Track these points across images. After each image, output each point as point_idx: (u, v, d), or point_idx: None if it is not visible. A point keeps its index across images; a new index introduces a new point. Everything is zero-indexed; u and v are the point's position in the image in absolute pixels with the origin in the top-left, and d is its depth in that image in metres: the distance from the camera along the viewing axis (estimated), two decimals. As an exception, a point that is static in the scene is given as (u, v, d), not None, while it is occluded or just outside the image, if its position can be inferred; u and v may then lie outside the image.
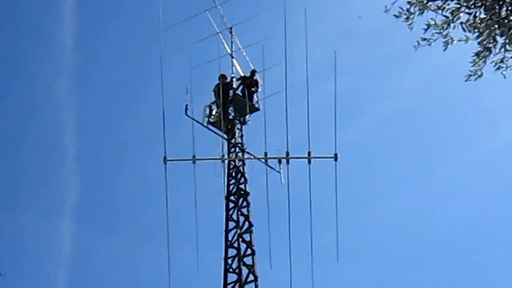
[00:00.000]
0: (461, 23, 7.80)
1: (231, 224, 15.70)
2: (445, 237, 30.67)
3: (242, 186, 16.23)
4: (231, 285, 14.88)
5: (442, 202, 31.69)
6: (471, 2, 7.65)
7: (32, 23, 33.30)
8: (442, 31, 7.86)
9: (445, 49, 7.94)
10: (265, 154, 16.28)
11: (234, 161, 16.62)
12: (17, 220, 30.60)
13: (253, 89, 17.75)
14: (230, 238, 15.50)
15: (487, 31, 7.72)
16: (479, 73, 8.00)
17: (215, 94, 17.41)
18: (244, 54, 18.10)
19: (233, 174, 16.44)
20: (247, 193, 16.10)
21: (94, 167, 32.98)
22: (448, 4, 7.80)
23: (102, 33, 33.98)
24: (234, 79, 17.92)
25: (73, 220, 30.81)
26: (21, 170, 32.56)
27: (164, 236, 15.72)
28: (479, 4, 7.65)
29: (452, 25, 7.83)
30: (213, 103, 17.45)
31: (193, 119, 16.71)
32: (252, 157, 16.64)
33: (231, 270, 15.01)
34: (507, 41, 7.71)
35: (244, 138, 17.21)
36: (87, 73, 33.53)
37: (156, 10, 16.05)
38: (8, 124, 32.92)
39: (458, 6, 7.76)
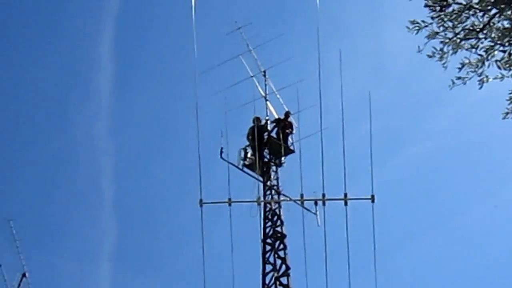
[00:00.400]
0: (496, 61, 7.75)
1: (268, 267, 15.57)
2: (484, 276, 30.05)
3: (278, 229, 16.13)
4: (269, 329, 14.71)
5: (482, 241, 31.13)
6: (506, 40, 7.60)
7: (69, 68, 33.96)
8: (477, 69, 7.81)
9: (480, 88, 7.88)
10: (301, 196, 16.19)
11: (270, 204, 16.55)
12: (55, 264, 30.79)
13: (287, 131, 17.76)
14: (267, 282, 15.36)
15: (523, 68, 7.65)
16: (517, 110, 7.91)
17: (248, 138, 17.46)
18: (278, 96, 18.19)
19: (269, 216, 16.36)
20: (283, 236, 15.98)
21: (131, 210, 33.18)
22: (482, 43, 7.76)
23: (138, 78, 34.50)
24: (268, 122, 17.97)
25: (111, 263, 30.94)
26: (60, 214, 32.89)
27: (200, 278, 15.64)
28: (514, 41, 7.61)
29: (486, 63, 7.78)
30: (248, 146, 17.49)
31: (228, 162, 16.76)
32: (288, 199, 16.57)
33: (269, 314, 14.86)
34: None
35: (279, 180, 17.17)
36: (124, 117, 33.99)
37: (190, 55, 16.23)
38: (46, 169, 33.38)
39: (492, 44, 7.72)
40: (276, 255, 15.70)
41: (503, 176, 30.95)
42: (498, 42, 7.67)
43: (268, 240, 15.99)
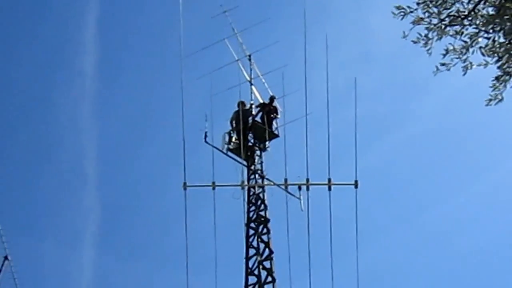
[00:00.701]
0: (480, 47, 7.77)
1: (251, 251, 15.63)
2: (466, 263, 30.32)
3: (262, 213, 16.17)
4: (252, 312, 14.77)
5: (464, 226, 31.40)
6: (490, 27, 7.63)
7: (53, 51, 33.73)
8: (461, 56, 7.83)
9: (464, 74, 7.91)
10: (285, 180, 16.23)
11: (254, 188, 16.58)
12: (38, 246, 30.73)
13: (272, 115, 17.76)
14: (250, 265, 15.42)
15: (507, 55, 7.68)
16: (500, 97, 7.95)
17: (231, 123, 17.45)
18: (263, 80, 18.17)
19: (253, 200, 16.39)
20: (267, 220, 16.03)
21: (115, 193, 33.19)
22: (467, 29, 7.78)
23: (123, 61, 34.36)
24: (253, 106, 17.96)
25: (94, 246, 30.93)
26: (42, 197, 32.79)
27: (183, 262, 15.69)
28: (498, 28, 7.63)
29: (471, 50, 7.80)
30: (232, 130, 17.48)
31: (212, 146, 16.75)
32: (272, 183, 16.59)
33: (251, 297, 14.92)
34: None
35: (263, 164, 17.19)
36: (108, 100, 33.89)
37: (175, 38, 16.19)
38: (29, 151, 33.22)
39: (477, 31, 7.74)
40: (259, 239, 15.75)
41: (486, 161, 31.20)
42: (483, 28, 7.69)
43: (252, 224, 16.03)
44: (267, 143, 17.58)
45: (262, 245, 15.65)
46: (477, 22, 7.72)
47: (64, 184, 32.83)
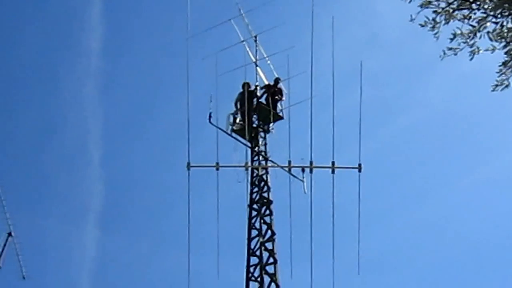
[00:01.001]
0: (488, 32, 7.72)
1: (254, 232, 15.66)
2: (468, 248, 30.38)
3: (265, 195, 16.19)
4: (253, 293, 14.81)
5: (467, 212, 31.42)
6: (498, 12, 7.57)
7: (59, 29, 33.68)
8: (468, 40, 7.78)
9: (471, 59, 7.86)
10: (289, 162, 16.22)
11: (257, 169, 16.57)
12: (42, 224, 30.85)
13: (277, 97, 17.71)
14: (252, 246, 15.46)
15: (515, 41, 7.63)
16: (506, 83, 7.91)
17: (235, 104, 17.41)
18: (269, 62, 18.10)
19: (256, 182, 16.39)
20: (270, 202, 16.05)
21: (118, 172, 33.24)
22: (475, 14, 7.72)
23: (128, 40, 34.29)
24: (258, 87, 17.91)
25: (97, 225, 31.07)
26: (46, 174, 32.88)
27: (185, 242, 15.73)
28: (506, 13, 7.57)
29: (478, 34, 7.75)
30: (236, 112, 17.45)
31: (217, 127, 16.74)
32: (275, 165, 16.60)
33: (253, 278, 14.95)
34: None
35: (267, 146, 17.19)
36: (113, 79, 33.85)
37: (181, 18, 16.13)
38: (34, 129, 33.27)
39: (485, 15, 7.68)
40: (262, 221, 15.77)
41: (491, 147, 31.16)
42: (491, 13, 7.63)
43: (255, 206, 16.05)
44: (271, 124, 17.56)
45: (264, 227, 15.68)
46: (486, 6, 7.66)
47: (68, 162, 32.94)
